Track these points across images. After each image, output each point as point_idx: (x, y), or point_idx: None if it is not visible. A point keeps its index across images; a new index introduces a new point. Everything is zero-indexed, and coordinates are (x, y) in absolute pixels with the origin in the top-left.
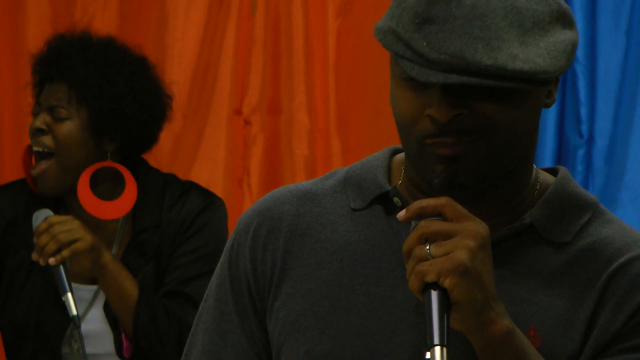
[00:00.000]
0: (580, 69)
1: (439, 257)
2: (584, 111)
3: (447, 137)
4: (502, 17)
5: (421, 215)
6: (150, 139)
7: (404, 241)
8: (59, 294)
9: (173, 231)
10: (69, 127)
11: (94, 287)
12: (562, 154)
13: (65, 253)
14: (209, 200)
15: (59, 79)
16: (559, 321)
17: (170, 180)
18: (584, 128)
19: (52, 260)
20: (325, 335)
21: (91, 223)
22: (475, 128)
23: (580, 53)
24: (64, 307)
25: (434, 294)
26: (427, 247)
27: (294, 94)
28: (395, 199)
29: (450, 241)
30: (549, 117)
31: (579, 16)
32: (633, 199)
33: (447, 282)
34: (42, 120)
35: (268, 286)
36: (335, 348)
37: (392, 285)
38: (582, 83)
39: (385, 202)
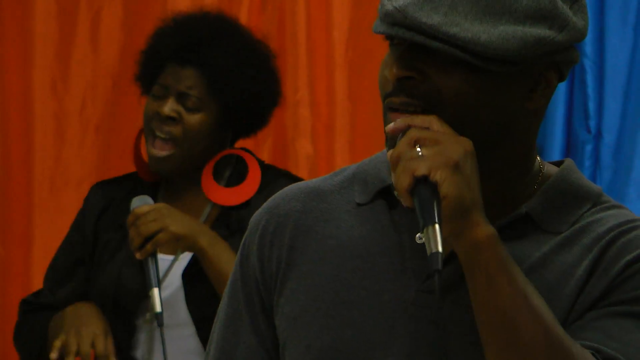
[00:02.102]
0: (588, 64)
1: (430, 154)
2: (592, 106)
3: (395, 96)
4: None
5: (410, 125)
6: (263, 125)
7: (404, 235)
8: (139, 268)
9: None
10: (201, 119)
11: (170, 257)
12: (570, 149)
13: (148, 247)
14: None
15: (191, 64)
16: (549, 298)
17: (266, 166)
18: (592, 123)
19: (138, 255)
20: (326, 330)
21: (184, 205)
22: (424, 95)
23: (588, 48)
24: (143, 280)
25: (424, 189)
26: (418, 148)
27: (297, 88)
28: (395, 192)
29: (441, 145)
30: (558, 111)
31: (587, 9)
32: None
33: (437, 175)
34: (171, 108)
35: (274, 282)
36: (336, 343)
37: (391, 279)
38: (590, 78)
39: (389, 196)
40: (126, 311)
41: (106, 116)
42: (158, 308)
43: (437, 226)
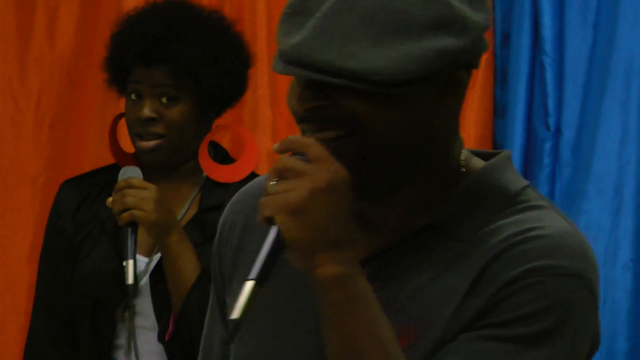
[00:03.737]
0: (548, 61)
1: (278, 194)
2: (551, 103)
3: (305, 124)
4: (363, 16)
5: (289, 149)
6: (244, 92)
7: None
8: (118, 262)
9: None
10: (180, 110)
11: (146, 259)
12: (530, 146)
13: (124, 215)
14: None
15: (157, 62)
16: (430, 319)
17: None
18: (552, 120)
19: (119, 222)
20: (251, 336)
21: (166, 195)
22: (338, 120)
23: (548, 46)
24: (122, 274)
25: (273, 230)
26: (273, 182)
27: (257, 86)
28: None
29: (295, 180)
30: (517, 109)
31: (547, 9)
32: (600, 192)
33: (277, 220)
34: (149, 108)
35: (227, 281)
36: (258, 349)
37: (301, 285)
38: (550, 76)
39: None
40: (106, 304)
41: (62, 112)
42: (130, 280)
43: (254, 284)
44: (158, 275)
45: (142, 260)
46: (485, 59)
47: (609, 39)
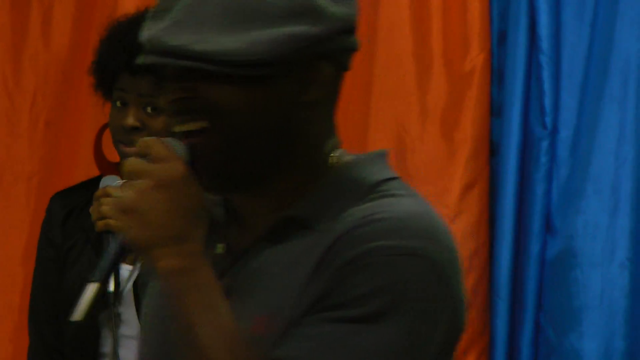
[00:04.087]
0: (544, 60)
1: (117, 197)
2: (548, 102)
3: (172, 117)
4: (221, 7)
5: (138, 153)
6: None
7: (210, 246)
8: None
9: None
10: (164, 121)
11: (130, 267)
12: (527, 145)
13: (99, 224)
14: None
15: (143, 72)
16: (282, 306)
17: None
18: (548, 119)
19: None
20: (143, 341)
21: None
22: (202, 111)
23: (545, 44)
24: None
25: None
26: (118, 186)
27: None
28: None
29: (133, 181)
30: (514, 108)
31: (543, 8)
32: (597, 191)
33: (112, 221)
34: (134, 118)
35: None
36: (148, 354)
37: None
38: (546, 74)
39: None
40: (90, 313)
41: (57, 111)
42: (111, 287)
43: (96, 285)
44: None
45: (125, 268)
46: (482, 57)
47: (606, 37)
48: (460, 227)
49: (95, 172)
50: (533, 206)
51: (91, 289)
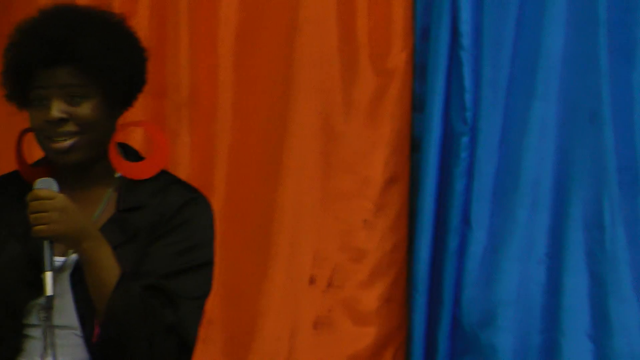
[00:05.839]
0: (465, 56)
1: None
2: (468, 98)
3: None
4: None
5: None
6: (144, 85)
7: None
8: (28, 267)
9: (154, 219)
10: (90, 106)
11: (62, 259)
12: (447, 141)
13: (33, 230)
14: (194, 195)
15: (60, 64)
16: None
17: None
18: (469, 115)
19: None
20: None
21: (78, 198)
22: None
23: (466, 41)
24: (31, 279)
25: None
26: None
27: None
28: None
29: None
30: (435, 103)
31: (466, 4)
32: (517, 187)
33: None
34: (58, 109)
35: None
36: None
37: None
38: (467, 70)
39: None
40: (15, 310)
41: None
42: (49, 292)
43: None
44: (78, 276)
45: (58, 260)
46: (405, 53)
47: (532, 34)
48: (381, 222)
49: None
50: (452, 201)
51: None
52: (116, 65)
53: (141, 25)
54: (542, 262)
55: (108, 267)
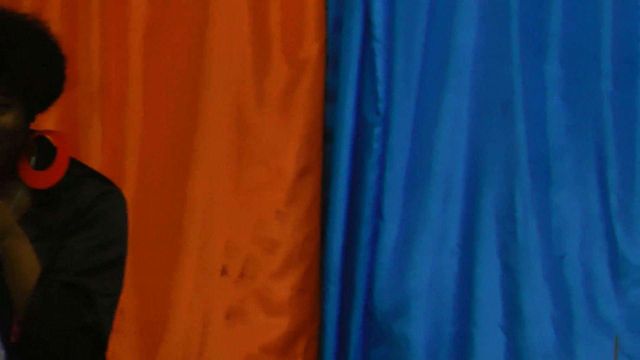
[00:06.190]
0: (378, 47)
1: None
2: (381, 89)
3: None
4: None
5: None
6: (59, 96)
7: None
8: None
9: (68, 213)
10: (12, 116)
11: None
12: (359, 132)
13: None
14: (108, 189)
15: None
16: None
17: (74, 162)
18: (382, 106)
19: None
20: None
21: None
22: None
23: (378, 32)
24: None
25: None
26: None
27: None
28: None
29: None
30: (348, 94)
31: None
32: (429, 178)
33: None
34: None
35: None
36: None
37: None
38: (379, 61)
39: None
40: None
41: None
42: None
43: None
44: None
45: None
46: (318, 44)
47: (442, 26)
48: (293, 212)
49: None
50: (365, 192)
51: None
52: (44, 78)
53: (53, 16)
54: (455, 254)
55: (29, 265)
